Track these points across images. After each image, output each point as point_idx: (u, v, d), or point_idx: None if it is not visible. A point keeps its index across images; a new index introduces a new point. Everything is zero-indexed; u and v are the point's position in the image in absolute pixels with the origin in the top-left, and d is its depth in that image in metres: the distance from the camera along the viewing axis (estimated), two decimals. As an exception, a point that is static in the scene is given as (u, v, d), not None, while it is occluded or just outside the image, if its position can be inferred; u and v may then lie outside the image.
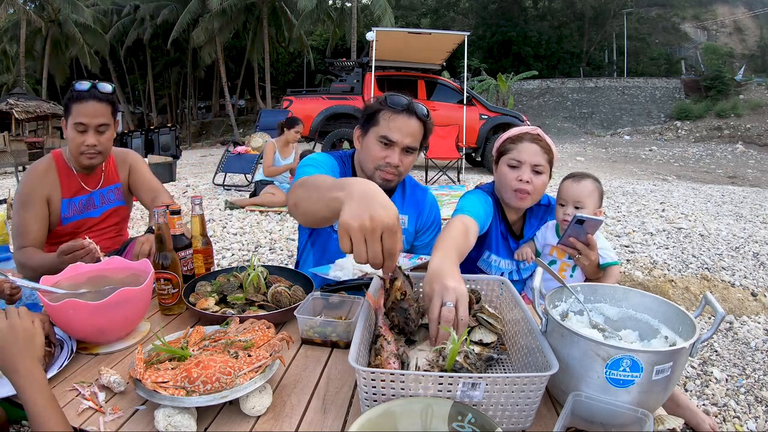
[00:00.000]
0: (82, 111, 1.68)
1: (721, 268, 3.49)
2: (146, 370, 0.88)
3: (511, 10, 30.88)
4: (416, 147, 1.52)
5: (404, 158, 1.51)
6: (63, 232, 1.81)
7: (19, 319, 0.89)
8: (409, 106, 1.49)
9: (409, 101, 1.50)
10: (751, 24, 32.89)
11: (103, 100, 1.71)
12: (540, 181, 1.53)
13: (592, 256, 1.46)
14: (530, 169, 1.51)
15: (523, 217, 1.71)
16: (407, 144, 1.49)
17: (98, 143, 1.72)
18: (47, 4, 21.91)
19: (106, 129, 1.74)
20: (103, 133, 1.74)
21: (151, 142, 12.01)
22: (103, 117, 1.71)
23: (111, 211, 1.93)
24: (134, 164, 2.00)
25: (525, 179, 1.50)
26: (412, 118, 1.49)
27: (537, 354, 0.90)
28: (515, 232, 1.69)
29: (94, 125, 1.70)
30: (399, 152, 1.49)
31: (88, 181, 1.85)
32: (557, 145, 1.73)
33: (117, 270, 1.25)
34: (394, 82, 9.71)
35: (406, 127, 1.48)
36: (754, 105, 20.65)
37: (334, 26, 24.10)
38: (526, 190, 1.51)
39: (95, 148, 1.73)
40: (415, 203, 1.70)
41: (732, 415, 1.94)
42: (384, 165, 1.50)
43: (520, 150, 1.53)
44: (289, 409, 0.90)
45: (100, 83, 1.72)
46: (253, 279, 1.31)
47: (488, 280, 1.22)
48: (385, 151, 1.49)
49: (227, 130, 25.40)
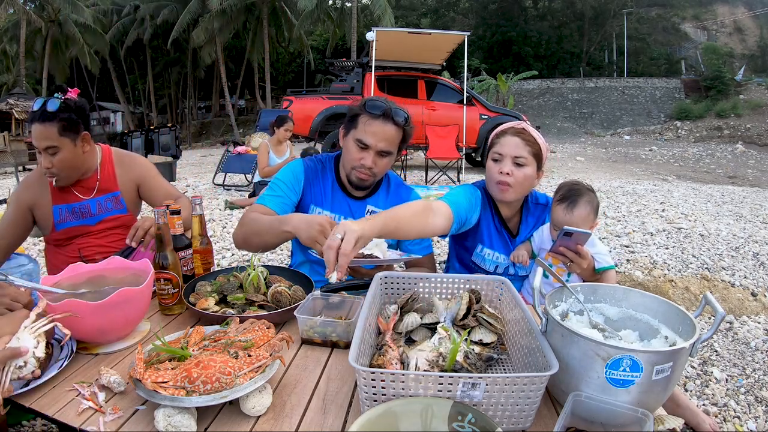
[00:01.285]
0: (34, 133, 1.64)
1: (721, 268, 3.49)
2: (146, 370, 0.88)
3: (511, 10, 30.89)
4: (391, 151, 1.59)
5: (379, 160, 1.59)
6: (58, 237, 1.82)
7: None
8: (386, 112, 1.55)
9: (387, 107, 1.56)
10: (751, 24, 32.90)
11: (48, 120, 1.61)
12: (522, 173, 1.53)
13: (583, 265, 1.46)
14: (511, 162, 1.53)
15: (519, 213, 1.71)
16: (381, 148, 1.56)
17: (52, 165, 1.66)
18: (47, 4, 21.91)
19: (55, 151, 1.65)
20: (54, 155, 1.65)
21: (151, 142, 12.01)
22: (47, 140, 1.62)
23: (109, 219, 1.87)
24: (143, 174, 1.93)
25: (505, 171, 1.53)
26: (388, 123, 1.55)
27: (537, 354, 0.90)
28: (511, 230, 1.70)
29: (42, 148, 1.64)
30: (373, 155, 1.57)
31: (79, 189, 1.82)
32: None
33: (117, 270, 1.25)
34: (394, 82, 9.71)
35: (382, 132, 1.55)
36: (754, 105, 20.64)
37: (334, 26, 24.10)
38: (506, 182, 1.53)
39: (50, 170, 1.67)
40: (398, 201, 1.75)
41: (732, 415, 1.94)
42: (359, 166, 1.58)
43: (502, 143, 1.56)
44: (289, 409, 0.90)
45: (50, 100, 1.63)
46: (253, 279, 1.31)
47: (488, 280, 1.22)
48: (361, 153, 1.57)
49: (227, 130, 25.40)
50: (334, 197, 1.68)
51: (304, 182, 1.68)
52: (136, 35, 24.66)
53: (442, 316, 1.09)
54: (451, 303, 1.14)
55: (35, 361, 0.92)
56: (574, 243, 1.42)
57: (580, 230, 1.40)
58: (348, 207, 1.69)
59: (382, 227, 1.18)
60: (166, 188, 1.98)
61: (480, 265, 1.72)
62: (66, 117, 1.65)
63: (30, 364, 0.91)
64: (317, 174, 1.70)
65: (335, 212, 1.68)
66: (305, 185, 1.68)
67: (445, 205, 1.47)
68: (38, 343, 0.94)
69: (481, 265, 1.71)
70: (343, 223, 1.08)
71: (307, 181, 1.68)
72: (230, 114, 24.57)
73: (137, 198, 1.97)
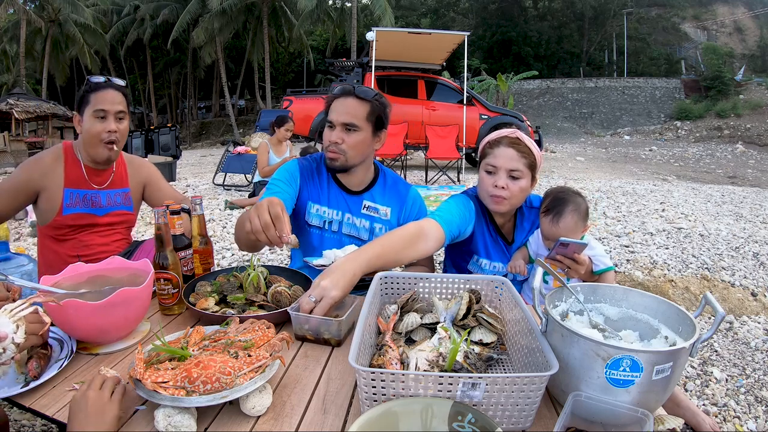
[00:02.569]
0: (101, 99, 1.74)
1: (721, 268, 3.49)
2: (146, 370, 0.88)
3: (511, 10, 30.89)
4: (356, 123, 1.59)
5: (346, 136, 1.59)
6: (63, 223, 1.78)
7: (92, 390, 0.83)
8: (347, 90, 1.61)
9: (351, 86, 1.62)
10: (751, 24, 32.88)
11: (119, 90, 1.78)
12: (517, 186, 1.49)
13: (581, 271, 1.44)
14: (506, 175, 1.49)
15: (513, 219, 1.69)
16: (343, 121, 1.58)
17: (117, 129, 1.77)
18: (47, 4, 21.89)
19: (124, 117, 1.80)
20: (122, 120, 1.79)
21: (151, 142, 12.00)
22: (121, 105, 1.78)
23: (116, 214, 1.90)
24: (150, 178, 2.02)
25: (500, 185, 1.48)
26: (350, 98, 1.60)
27: (537, 354, 0.90)
28: (506, 236, 1.68)
29: (114, 112, 1.76)
30: (338, 130, 1.59)
31: (95, 177, 1.84)
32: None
33: (117, 270, 1.25)
34: (394, 82, 9.72)
35: (343, 106, 1.59)
36: (754, 105, 20.64)
37: (334, 26, 24.09)
38: (501, 195, 1.49)
39: (115, 134, 1.76)
40: (396, 196, 1.75)
41: (732, 415, 1.94)
42: (328, 145, 1.61)
43: (496, 155, 1.50)
44: (289, 409, 0.90)
45: (112, 78, 1.80)
46: (253, 279, 1.31)
47: (488, 280, 1.22)
48: (329, 133, 1.62)
49: (227, 130, 25.40)
50: (330, 193, 1.69)
51: (300, 180, 1.68)
52: (136, 35, 24.65)
53: (442, 316, 1.09)
54: (451, 303, 1.14)
55: (14, 347, 0.87)
56: (571, 252, 1.40)
57: (576, 241, 1.38)
58: (345, 202, 1.69)
59: (366, 269, 1.21)
60: (173, 193, 2.05)
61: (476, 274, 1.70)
62: (127, 93, 1.84)
63: (9, 350, 0.86)
64: (312, 172, 1.71)
65: (332, 208, 1.68)
66: (302, 183, 1.68)
67: (436, 226, 1.41)
68: (18, 328, 0.89)
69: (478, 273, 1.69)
70: (321, 285, 1.13)
71: (303, 180, 1.69)
72: (230, 114, 24.56)
73: (141, 199, 2.03)
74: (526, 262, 1.61)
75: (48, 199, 1.76)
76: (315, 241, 1.69)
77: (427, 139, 8.40)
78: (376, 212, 1.71)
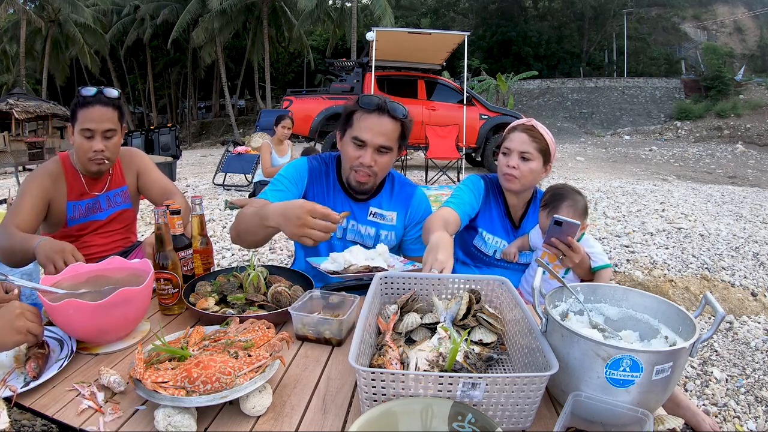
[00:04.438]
0: (89, 116, 1.67)
1: (721, 268, 3.49)
2: (146, 370, 0.88)
3: (511, 10, 30.88)
4: (390, 146, 1.53)
5: (378, 158, 1.52)
6: (68, 234, 1.80)
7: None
8: (381, 106, 1.49)
9: (383, 101, 1.50)
10: (751, 24, 32.87)
11: (108, 104, 1.69)
12: (527, 167, 1.64)
13: (575, 258, 1.50)
14: (518, 156, 1.64)
15: (526, 207, 1.78)
16: (379, 143, 1.49)
17: (105, 149, 1.71)
18: (47, 4, 21.89)
19: (113, 134, 1.72)
20: (110, 138, 1.72)
21: (151, 142, 12.02)
22: (109, 122, 1.69)
23: (117, 214, 1.91)
24: (142, 166, 1.97)
25: (512, 165, 1.65)
26: (384, 117, 1.49)
27: (537, 354, 0.90)
28: (514, 220, 1.77)
29: (101, 131, 1.69)
30: (371, 152, 1.50)
31: (93, 185, 1.84)
32: (557, 145, 1.74)
33: (117, 270, 1.24)
34: (394, 82, 9.72)
35: (378, 126, 1.48)
36: (754, 105, 20.63)
37: (334, 26, 24.10)
38: (512, 174, 1.65)
39: (102, 153, 1.71)
40: (403, 200, 1.73)
41: (732, 415, 1.94)
42: (357, 165, 1.52)
43: (511, 139, 1.68)
44: (289, 409, 0.90)
45: (105, 88, 1.71)
46: (253, 279, 1.31)
47: (488, 280, 1.22)
48: (358, 151, 1.51)
49: (227, 130, 25.39)
50: (335, 198, 1.66)
51: (307, 180, 1.65)
52: (136, 35, 24.65)
53: (442, 316, 1.09)
54: (451, 303, 1.14)
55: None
56: (565, 234, 1.47)
57: (569, 220, 1.45)
58: (350, 209, 1.66)
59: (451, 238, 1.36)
60: (160, 180, 2.00)
61: (480, 249, 1.78)
62: (120, 105, 1.75)
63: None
64: (321, 174, 1.67)
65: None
66: (308, 184, 1.65)
67: (453, 213, 1.62)
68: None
69: (482, 248, 1.78)
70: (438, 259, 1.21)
71: (310, 180, 1.65)
72: (230, 114, 24.56)
73: (137, 191, 2.00)
74: (525, 250, 1.72)
75: (54, 212, 1.78)
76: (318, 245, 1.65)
77: (427, 139, 8.39)
78: (382, 218, 1.68)
